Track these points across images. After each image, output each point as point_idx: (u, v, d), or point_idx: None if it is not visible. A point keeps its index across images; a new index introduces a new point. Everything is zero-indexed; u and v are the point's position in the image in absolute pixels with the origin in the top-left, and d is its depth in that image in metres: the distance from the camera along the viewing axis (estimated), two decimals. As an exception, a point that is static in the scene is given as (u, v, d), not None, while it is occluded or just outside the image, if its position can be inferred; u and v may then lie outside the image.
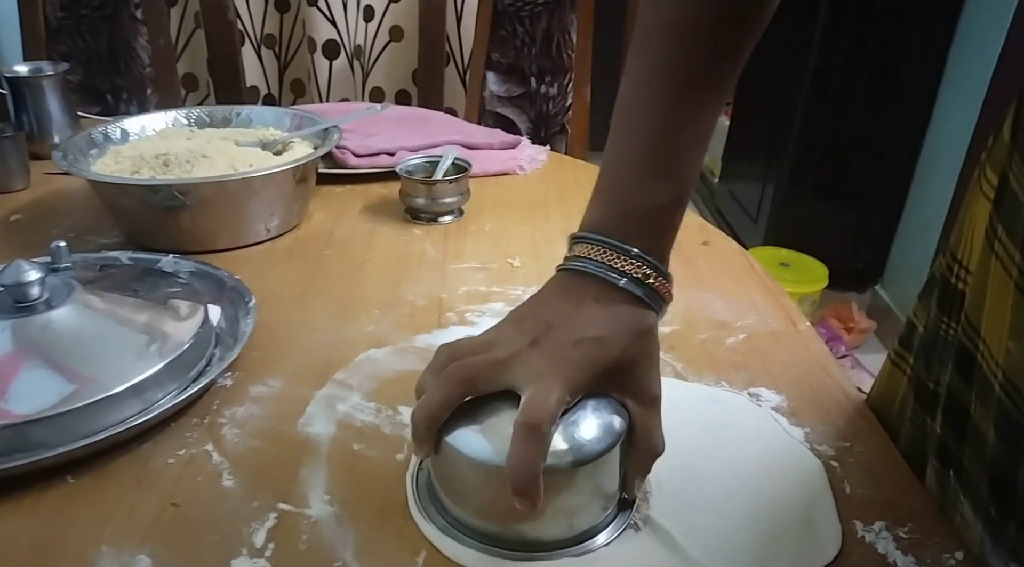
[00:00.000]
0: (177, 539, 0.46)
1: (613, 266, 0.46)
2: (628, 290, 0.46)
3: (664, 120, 0.48)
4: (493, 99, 1.48)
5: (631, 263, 0.46)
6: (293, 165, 0.82)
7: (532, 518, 0.44)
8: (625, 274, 0.46)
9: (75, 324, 0.57)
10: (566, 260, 0.49)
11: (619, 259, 0.46)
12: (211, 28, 1.38)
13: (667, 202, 0.48)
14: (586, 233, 0.48)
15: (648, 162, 0.49)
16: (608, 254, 0.46)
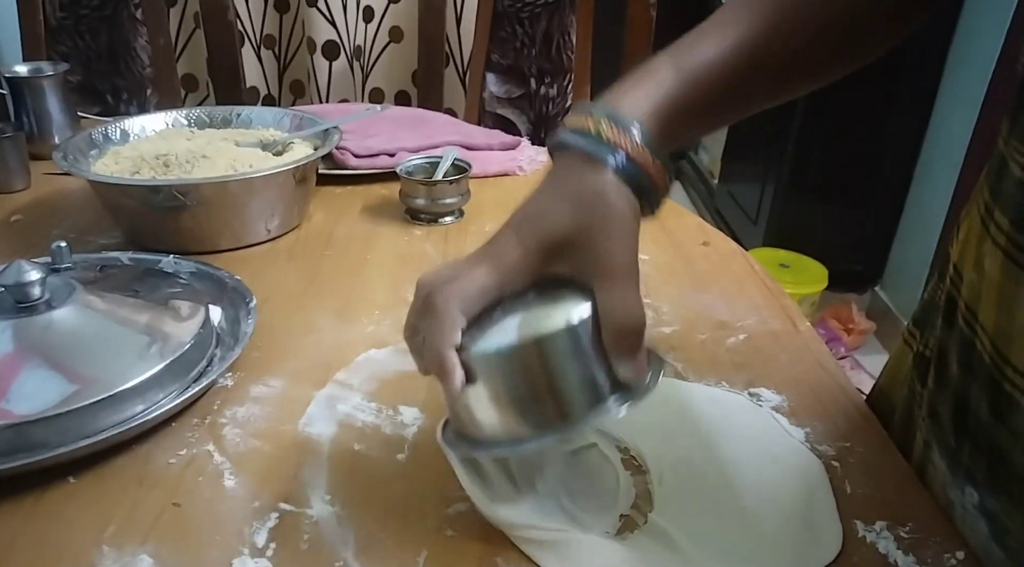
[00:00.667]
0: (178, 539, 0.46)
1: (574, 126, 0.42)
2: (575, 145, 0.42)
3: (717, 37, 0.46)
4: (493, 100, 1.48)
5: (590, 119, 0.42)
6: (293, 166, 0.82)
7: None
8: (579, 131, 0.42)
9: (76, 324, 0.57)
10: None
11: (585, 118, 0.42)
12: (211, 28, 1.38)
13: (666, 74, 0.44)
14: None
15: (674, 48, 0.46)
16: (578, 118, 0.43)
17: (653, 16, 1.32)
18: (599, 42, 1.41)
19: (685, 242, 0.83)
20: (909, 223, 2.22)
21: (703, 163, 3.22)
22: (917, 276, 2.09)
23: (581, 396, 0.42)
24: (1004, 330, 0.43)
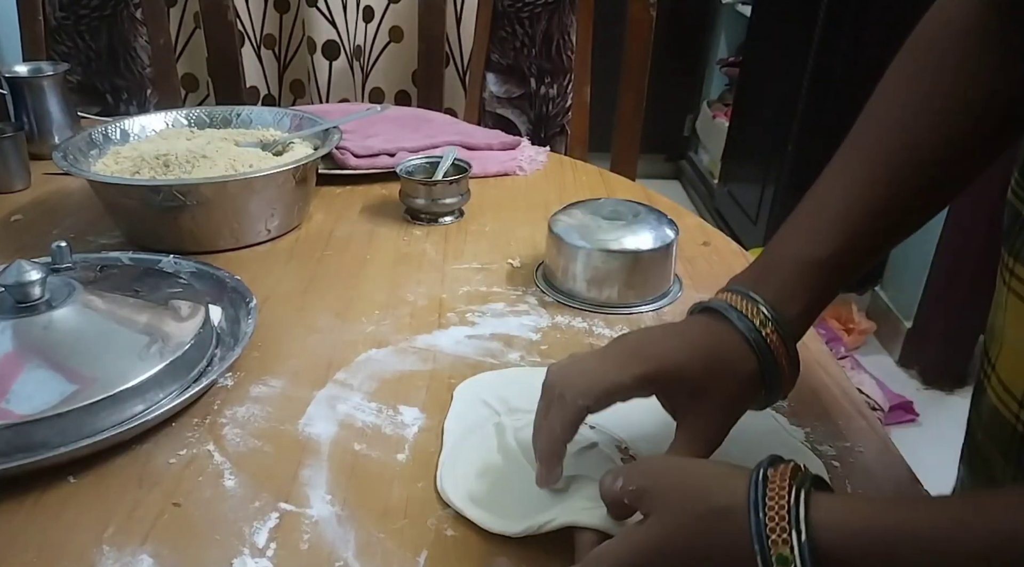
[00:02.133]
0: (178, 539, 0.46)
1: (722, 301, 0.47)
2: (718, 307, 0.46)
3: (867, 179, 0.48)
4: (493, 100, 1.48)
5: (737, 298, 0.46)
6: (293, 166, 0.82)
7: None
8: (725, 303, 0.46)
9: (76, 324, 0.57)
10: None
11: (734, 297, 0.47)
12: (211, 28, 1.38)
13: (816, 257, 0.47)
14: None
15: (815, 213, 0.49)
16: (726, 295, 0.47)
17: (653, 16, 1.32)
18: (599, 42, 1.41)
19: (685, 242, 0.83)
20: (909, 223, 2.22)
21: (703, 163, 3.22)
22: (917, 276, 2.09)
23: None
24: (989, 328, 0.48)
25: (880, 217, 0.48)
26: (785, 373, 0.47)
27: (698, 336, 0.46)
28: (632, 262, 0.72)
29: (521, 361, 0.65)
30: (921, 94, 0.49)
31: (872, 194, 0.48)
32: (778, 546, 0.34)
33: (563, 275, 0.74)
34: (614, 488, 0.41)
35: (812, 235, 0.48)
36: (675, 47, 3.02)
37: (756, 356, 0.46)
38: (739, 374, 0.46)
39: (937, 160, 0.48)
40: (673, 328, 0.48)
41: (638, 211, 0.75)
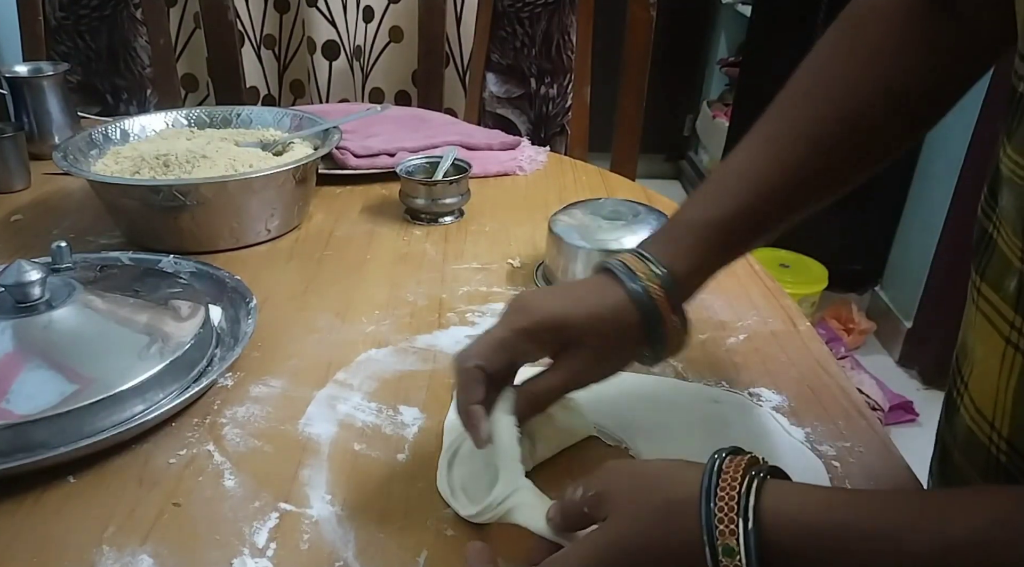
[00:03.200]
0: (178, 539, 0.46)
1: (616, 258, 0.49)
2: (610, 266, 0.48)
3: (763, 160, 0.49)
4: (493, 100, 1.48)
5: (631, 256, 0.48)
6: (293, 166, 0.82)
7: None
8: (617, 262, 0.48)
9: (76, 324, 0.57)
10: None
11: (628, 255, 0.49)
12: (211, 28, 1.38)
13: (709, 218, 0.48)
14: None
15: (713, 180, 0.50)
16: (624, 254, 0.49)
17: (653, 16, 1.32)
18: (599, 42, 1.41)
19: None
20: (909, 223, 2.22)
21: (703, 163, 3.22)
22: (917, 276, 2.09)
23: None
24: (960, 345, 0.48)
25: (777, 189, 0.49)
26: (669, 328, 0.48)
27: (585, 292, 0.48)
28: None
29: (521, 361, 0.65)
30: (834, 75, 0.49)
31: (771, 165, 0.49)
32: (725, 536, 0.34)
33: (563, 275, 0.74)
34: (574, 498, 0.40)
35: (709, 199, 0.50)
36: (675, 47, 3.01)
37: (639, 311, 0.47)
38: (620, 327, 0.47)
39: (838, 142, 0.49)
40: (564, 286, 0.50)
41: (638, 211, 0.75)
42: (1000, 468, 0.43)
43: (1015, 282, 0.40)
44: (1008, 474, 0.42)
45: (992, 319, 0.43)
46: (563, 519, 0.41)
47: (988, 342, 0.43)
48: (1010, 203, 0.41)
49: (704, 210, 0.50)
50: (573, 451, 0.55)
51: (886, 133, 0.50)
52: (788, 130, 0.50)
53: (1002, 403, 0.42)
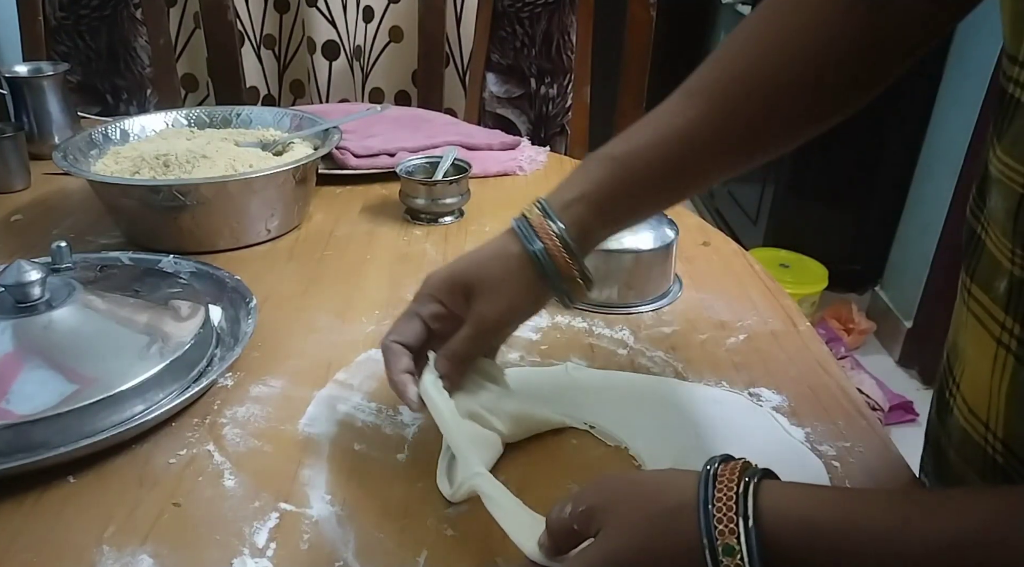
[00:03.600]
0: (178, 539, 0.46)
1: (522, 212, 0.52)
2: (512, 225, 0.51)
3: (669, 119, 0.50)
4: (493, 100, 1.48)
5: (531, 207, 0.51)
6: (293, 166, 0.82)
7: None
8: (520, 216, 0.51)
9: (76, 324, 0.57)
10: None
11: (530, 206, 0.51)
12: (211, 28, 1.38)
13: (608, 153, 0.50)
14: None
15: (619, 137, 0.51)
16: (527, 206, 0.52)
17: (653, 16, 1.32)
18: (599, 42, 1.41)
19: (685, 242, 0.83)
20: (909, 223, 2.22)
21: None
22: (917, 276, 2.09)
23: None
24: (952, 345, 0.49)
25: (684, 143, 0.49)
26: (568, 280, 0.50)
27: (486, 253, 0.52)
28: (632, 262, 0.72)
29: (521, 361, 0.65)
30: (760, 48, 0.50)
31: (681, 120, 0.50)
32: (725, 536, 0.34)
33: None
34: (563, 516, 0.40)
35: (614, 141, 0.51)
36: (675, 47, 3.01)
37: (537, 268, 0.49)
38: (522, 280, 0.50)
39: (751, 119, 0.50)
40: (471, 251, 0.53)
41: (638, 211, 0.75)
42: (997, 468, 0.43)
43: (1005, 283, 0.40)
44: (1005, 475, 0.42)
45: (983, 320, 0.43)
46: (553, 539, 0.40)
47: (979, 343, 0.43)
48: (999, 204, 0.41)
49: (607, 147, 0.51)
50: (573, 453, 0.55)
51: (797, 117, 0.51)
52: (707, 95, 0.50)
53: (995, 405, 0.42)
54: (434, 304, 0.52)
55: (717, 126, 0.49)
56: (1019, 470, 0.41)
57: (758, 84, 0.49)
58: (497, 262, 0.50)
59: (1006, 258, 0.40)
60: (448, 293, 0.51)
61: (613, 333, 0.69)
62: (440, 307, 0.52)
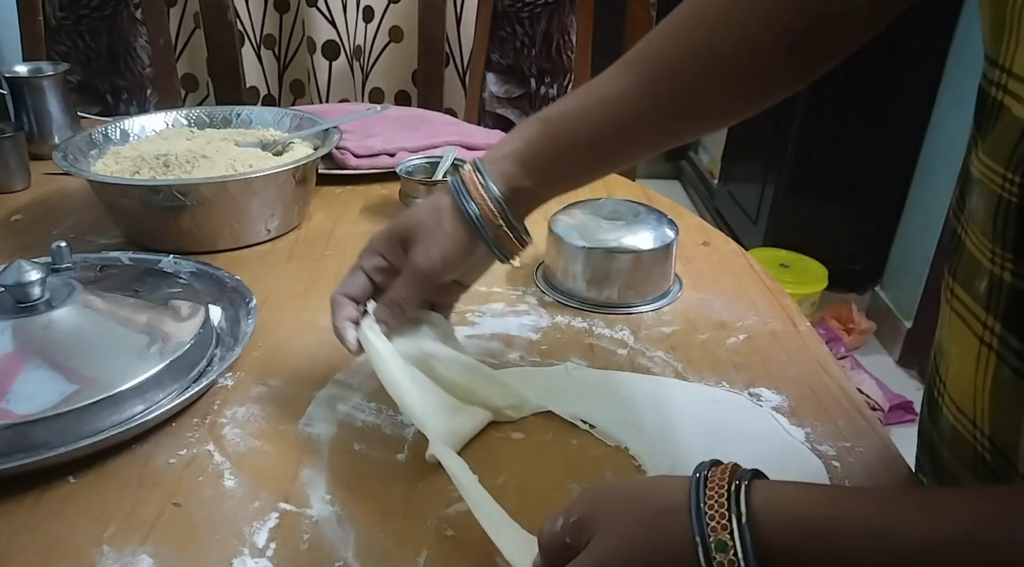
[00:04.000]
0: (178, 539, 0.46)
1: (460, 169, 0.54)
2: (448, 182, 0.54)
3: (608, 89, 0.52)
4: (493, 100, 1.48)
5: (465, 165, 0.54)
6: (293, 166, 0.82)
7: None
8: (456, 172, 0.54)
9: (76, 324, 0.57)
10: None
11: (465, 165, 0.54)
12: (211, 28, 1.38)
13: (545, 115, 0.53)
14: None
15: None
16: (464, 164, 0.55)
17: (653, 16, 1.32)
18: (599, 42, 1.41)
19: (685, 242, 0.83)
20: (909, 223, 2.22)
21: (703, 163, 3.22)
22: (917, 276, 2.09)
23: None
24: (938, 344, 0.49)
25: (613, 110, 0.51)
26: (503, 239, 0.53)
27: (424, 210, 0.54)
28: (632, 262, 0.72)
29: (521, 361, 0.65)
30: (698, 23, 0.51)
31: (613, 88, 0.52)
32: (717, 532, 0.34)
33: (563, 275, 0.74)
34: (555, 529, 0.39)
35: (550, 105, 0.54)
36: (675, 47, 3.01)
37: (471, 227, 0.52)
38: (458, 236, 0.53)
39: (681, 92, 0.51)
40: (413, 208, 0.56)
41: (638, 211, 0.75)
42: (987, 465, 0.43)
43: (985, 283, 0.41)
44: (994, 472, 0.43)
45: (966, 319, 0.43)
46: (545, 556, 0.40)
47: (963, 342, 0.44)
48: (979, 205, 0.41)
49: (545, 110, 0.53)
50: (573, 453, 0.55)
51: (770, 70, 0.51)
52: (643, 67, 0.52)
53: (980, 402, 0.43)
54: (376, 257, 0.55)
55: (647, 96, 0.51)
56: (1005, 467, 0.42)
57: (691, 59, 0.50)
58: (430, 215, 0.53)
59: (986, 258, 0.41)
60: (388, 246, 0.54)
61: (613, 333, 0.69)
62: (381, 260, 0.54)
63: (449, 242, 0.53)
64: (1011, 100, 0.39)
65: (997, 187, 0.39)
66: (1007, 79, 0.39)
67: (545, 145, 0.52)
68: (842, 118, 2.14)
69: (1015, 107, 0.38)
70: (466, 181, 0.53)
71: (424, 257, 0.53)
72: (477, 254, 0.54)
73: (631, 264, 0.72)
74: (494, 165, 0.53)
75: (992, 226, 0.40)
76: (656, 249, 0.72)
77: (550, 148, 0.52)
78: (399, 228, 0.54)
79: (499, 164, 0.53)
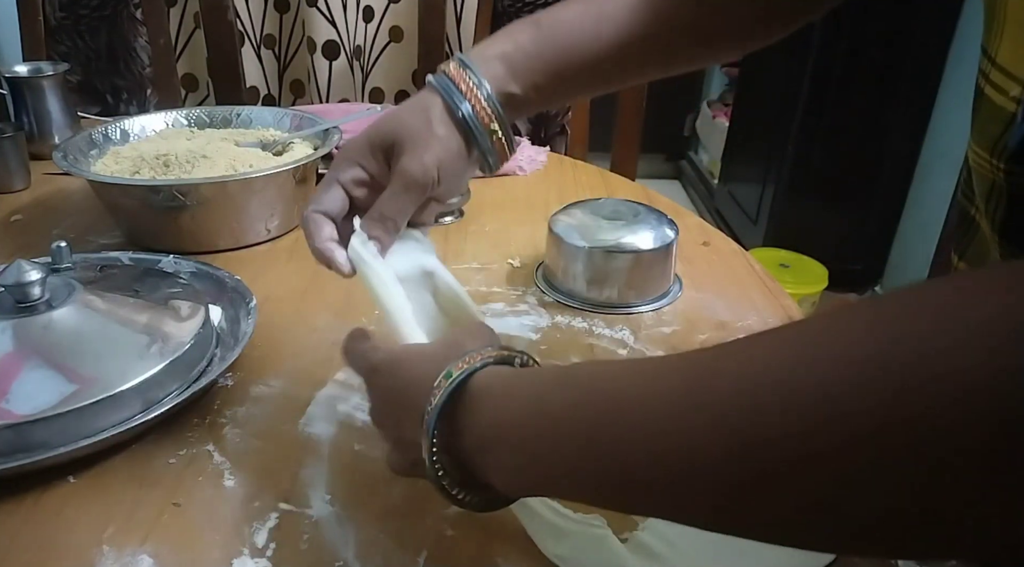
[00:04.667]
0: (178, 539, 0.46)
1: (439, 68, 0.49)
2: (430, 81, 0.49)
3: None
4: (493, 100, 1.48)
5: (449, 62, 0.49)
6: (293, 166, 0.82)
7: None
8: (440, 71, 0.49)
9: (76, 324, 0.57)
10: None
11: (447, 62, 0.49)
12: (211, 28, 1.38)
13: (535, 19, 0.50)
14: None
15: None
16: (444, 63, 0.50)
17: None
18: (599, 42, 1.41)
19: (685, 242, 0.83)
20: (909, 223, 2.22)
21: (703, 163, 3.22)
22: (917, 276, 2.09)
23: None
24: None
25: (614, 24, 0.50)
26: (494, 141, 0.49)
27: (407, 111, 0.49)
28: (632, 262, 0.72)
29: (521, 361, 0.65)
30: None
31: (614, 3, 0.50)
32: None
33: (563, 275, 0.74)
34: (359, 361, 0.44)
35: (544, 10, 0.51)
36: (675, 47, 3.01)
37: (461, 127, 0.48)
38: (445, 137, 0.48)
39: (695, 15, 0.50)
40: (391, 109, 0.51)
41: (638, 211, 0.75)
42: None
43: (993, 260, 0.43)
44: None
45: None
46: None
47: None
48: (978, 189, 0.43)
49: (537, 15, 0.51)
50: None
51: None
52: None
53: None
54: (354, 169, 0.49)
55: (648, 18, 0.49)
56: None
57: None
58: (417, 117, 0.48)
59: (994, 241, 0.42)
60: (368, 155, 0.49)
61: (613, 333, 0.69)
62: (360, 171, 0.49)
63: (442, 148, 0.48)
64: (991, 89, 0.40)
65: (987, 173, 0.40)
66: (991, 69, 0.40)
67: (535, 52, 0.49)
68: (842, 118, 2.14)
69: (995, 97, 0.39)
70: (455, 79, 0.48)
71: (417, 165, 0.47)
72: (470, 161, 0.50)
73: (631, 264, 0.72)
74: (483, 64, 0.49)
75: (985, 208, 0.41)
76: (656, 249, 0.72)
77: (540, 57, 0.49)
78: (380, 134, 0.49)
79: (487, 64, 0.49)
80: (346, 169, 0.49)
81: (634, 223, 0.73)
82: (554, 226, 0.75)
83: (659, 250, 0.72)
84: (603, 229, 0.73)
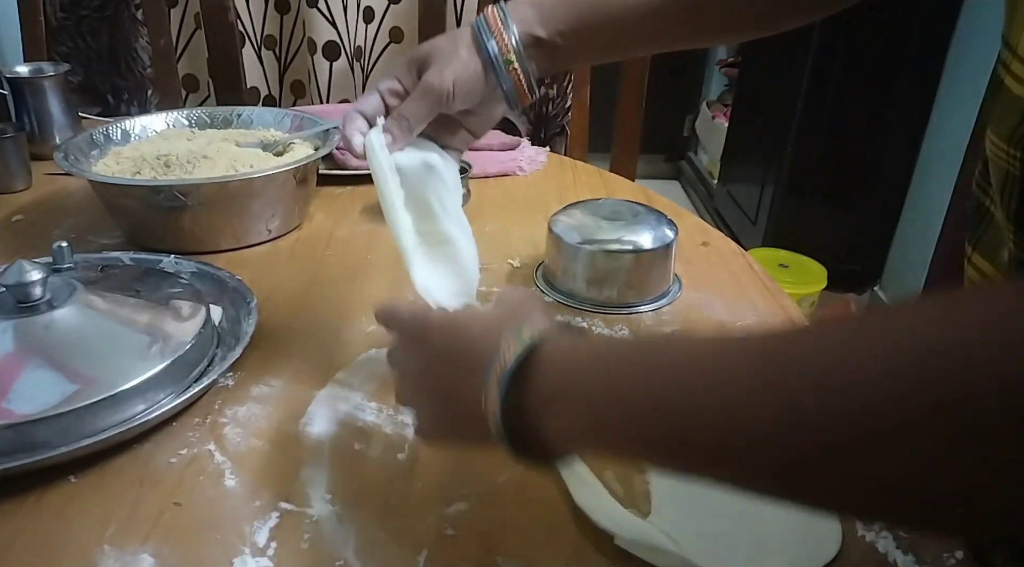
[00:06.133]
0: (179, 538, 0.46)
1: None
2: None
3: None
4: (493, 100, 1.48)
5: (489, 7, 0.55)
6: (294, 166, 0.82)
7: None
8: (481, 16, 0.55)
9: (77, 324, 0.57)
10: None
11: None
12: (211, 29, 1.38)
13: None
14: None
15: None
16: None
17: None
18: (599, 42, 1.41)
19: (685, 242, 0.83)
20: (909, 223, 2.22)
21: (703, 163, 3.22)
22: (917, 276, 2.09)
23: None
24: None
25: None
26: (516, 83, 0.55)
27: (446, 41, 0.56)
28: (632, 262, 0.72)
29: (521, 361, 0.65)
30: None
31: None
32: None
33: (563, 275, 0.74)
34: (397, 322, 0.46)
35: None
36: (675, 47, 3.01)
37: (489, 65, 0.54)
38: (475, 71, 0.55)
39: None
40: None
41: (638, 211, 0.75)
42: None
43: (1007, 254, 0.43)
44: None
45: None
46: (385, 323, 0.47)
47: None
48: (994, 180, 0.43)
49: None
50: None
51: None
52: None
53: None
54: (392, 81, 0.57)
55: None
56: None
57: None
58: (448, 42, 0.55)
59: (1010, 231, 0.43)
60: (405, 71, 0.57)
61: (613, 333, 0.69)
62: (396, 83, 0.57)
63: (462, 67, 0.54)
64: (1012, 80, 0.40)
65: (1004, 162, 0.41)
66: (1012, 60, 0.41)
67: (566, 7, 0.55)
68: (842, 118, 2.14)
69: (1016, 87, 0.40)
70: (488, 19, 0.55)
71: (436, 76, 0.54)
72: (487, 89, 0.56)
73: (631, 264, 0.72)
74: (515, 9, 0.55)
75: (1000, 199, 0.42)
76: (656, 249, 0.72)
77: (570, 6, 0.55)
78: (417, 55, 0.56)
79: (519, 10, 0.55)
80: (386, 81, 0.58)
81: (634, 223, 0.73)
82: (554, 226, 0.75)
83: (658, 250, 0.72)
84: (603, 229, 0.73)
